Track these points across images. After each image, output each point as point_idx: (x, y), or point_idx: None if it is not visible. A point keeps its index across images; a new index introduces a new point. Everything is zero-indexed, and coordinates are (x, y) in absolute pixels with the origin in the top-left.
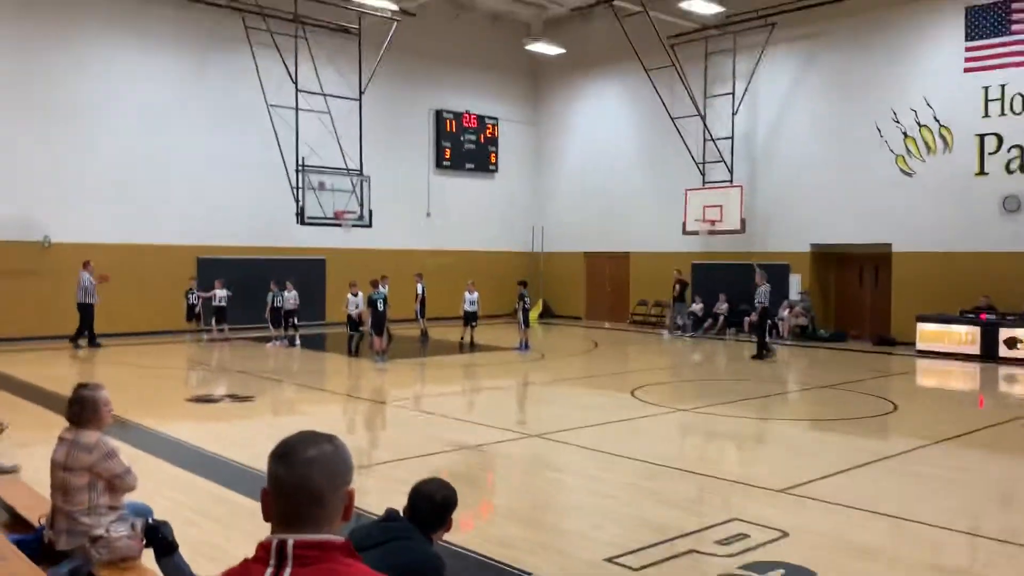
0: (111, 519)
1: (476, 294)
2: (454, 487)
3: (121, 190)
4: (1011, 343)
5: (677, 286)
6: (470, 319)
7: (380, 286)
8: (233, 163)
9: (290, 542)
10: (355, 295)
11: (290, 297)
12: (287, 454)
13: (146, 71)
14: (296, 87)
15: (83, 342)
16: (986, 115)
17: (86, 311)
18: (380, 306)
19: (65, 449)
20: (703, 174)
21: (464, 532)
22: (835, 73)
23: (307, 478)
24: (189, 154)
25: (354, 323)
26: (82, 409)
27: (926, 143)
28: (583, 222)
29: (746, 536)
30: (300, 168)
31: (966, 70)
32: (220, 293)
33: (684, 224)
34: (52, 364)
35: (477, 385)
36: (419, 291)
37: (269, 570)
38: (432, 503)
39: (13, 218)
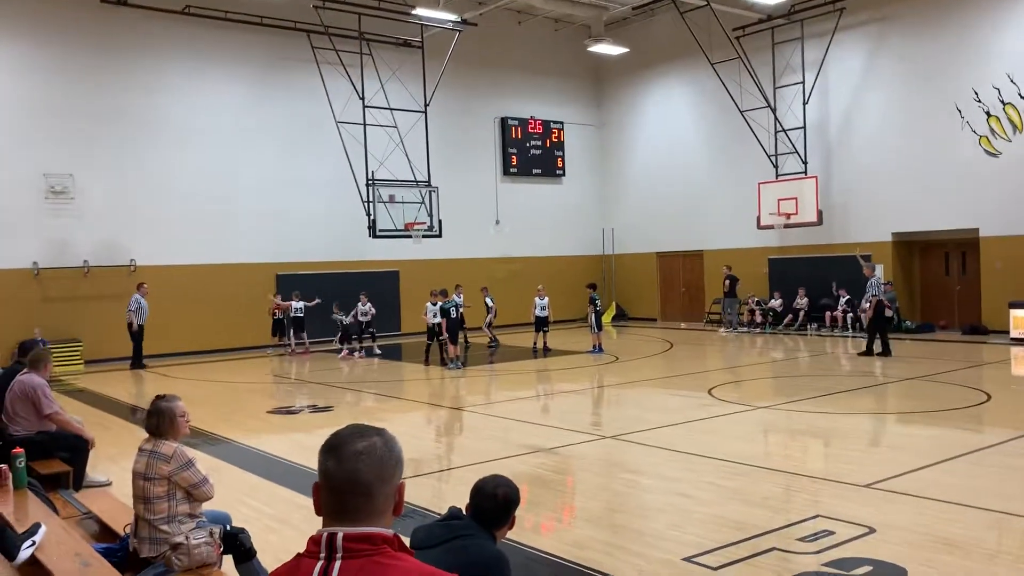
0: (190, 527)
1: (547, 299)
2: (516, 484)
3: (198, 211)
4: None
5: (727, 282)
6: (542, 324)
7: (455, 295)
8: (305, 180)
9: (339, 535)
10: (434, 304)
11: (364, 309)
12: (336, 447)
13: (217, 94)
14: (363, 102)
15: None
16: None
17: (139, 333)
18: (454, 314)
19: (144, 459)
20: (776, 167)
21: (541, 535)
22: (908, 55)
23: (356, 471)
24: (262, 173)
25: (432, 332)
26: (159, 420)
27: (1011, 121)
28: (654, 222)
29: (831, 533)
30: (370, 182)
31: None
32: (296, 305)
33: (758, 219)
34: (139, 383)
35: (551, 389)
36: (488, 304)
37: (319, 563)
38: (494, 500)
39: (102, 243)
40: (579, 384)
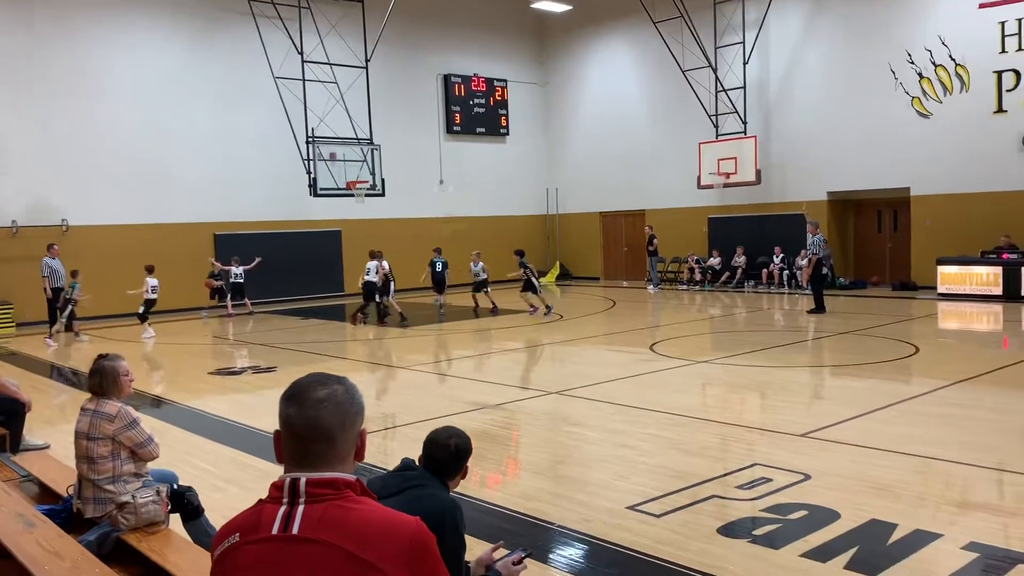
0: (136, 486)
1: (481, 264)
2: (468, 435)
3: (133, 170)
4: None
5: (655, 240)
6: (481, 287)
7: (472, 262)
8: (243, 138)
9: (302, 480)
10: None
11: (238, 272)
12: (298, 395)
13: (150, 49)
14: (302, 58)
15: (58, 327)
16: (1003, 51)
17: (55, 296)
18: (439, 267)
19: (88, 419)
20: (716, 126)
21: (489, 488)
22: (846, 16)
23: (318, 418)
24: (199, 131)
25: (369, 292)
26: (102, 379)
27: (942, 83)
28: (597, 182)
29: (768, 480)
30: (310, 140)
31: (981, 6)
32: (236, 271)
33: (699, 178)
34: (75, 345)
35: (496, 347)
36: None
37: (282, 508)
38: (448, 450)
39: (31, 203)
40: (524, 342)
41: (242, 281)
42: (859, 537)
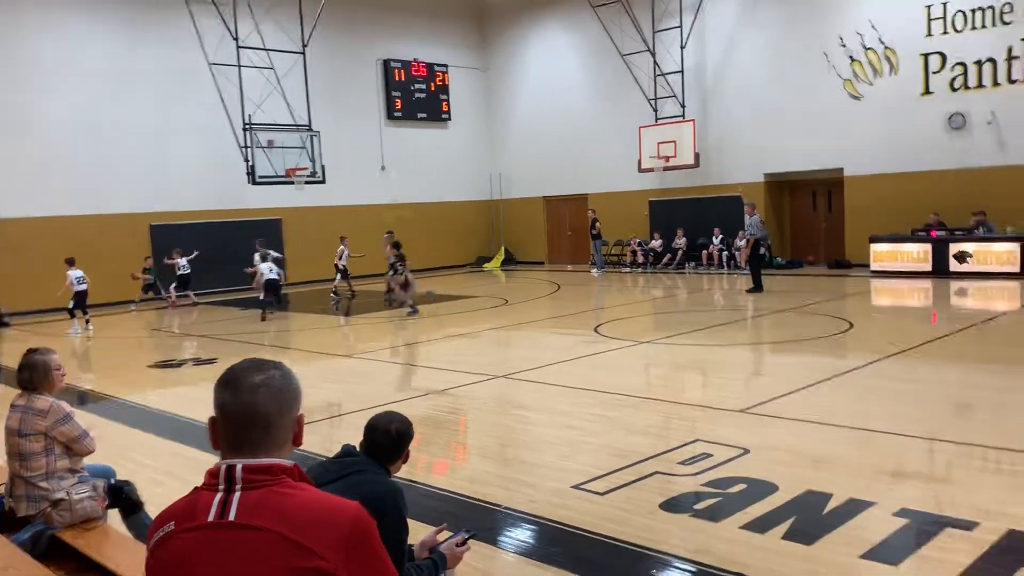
0: (71, 482)
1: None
2: (409, 419)
3: (65, 162)
4: (960, 257)
5: (598, 224)
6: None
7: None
8: (179, 126)
9: (238, 466)
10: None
11: (182, 263)
12: (233, 380)
13: (84, 35)
14: (237, 44)
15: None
16: (929, 34)
17: None
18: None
19: (18, 415)
20: (655, 110)
21: (435, 473)
22: (782, 1)
23: (253, 404)
24: (133, 120)
25: (271, 286)
26: (33, 374)
27: (872, 66)
28: (540, 167)
29: (709, 455)
30: (247, 127)
31: None
32: (182, 262)
33: (639, 162)
34: (3, 339)
35: (442, 333)
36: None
37: (218, 495)
38: (388, 435)
39: None
40: (469, 328)
41: (188, 272)
42: (796, 508)
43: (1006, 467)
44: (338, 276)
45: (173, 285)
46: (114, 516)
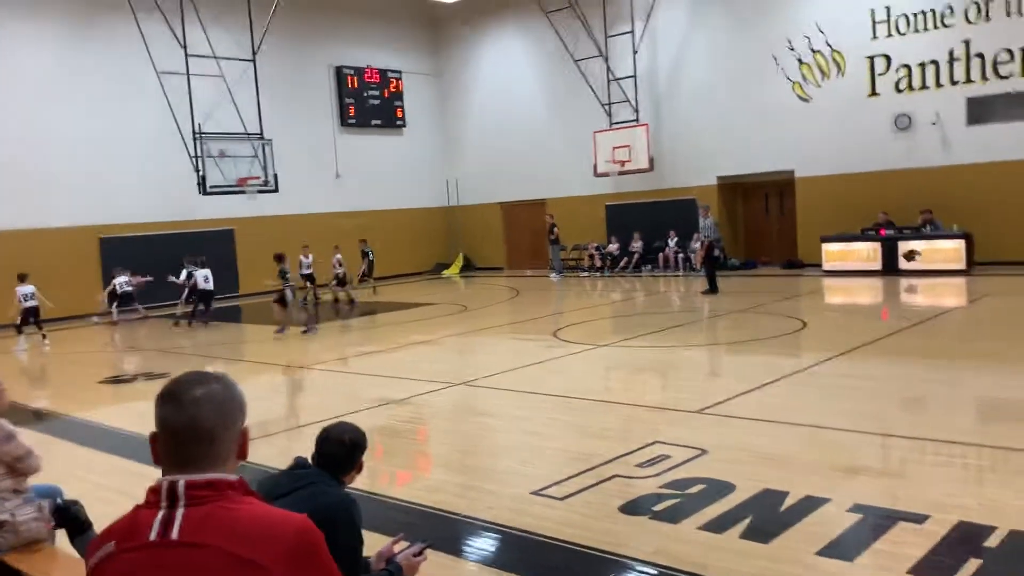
0: (16, 503)
1: (311, 257)
2: (362, 430)
3: (8, 173)
4: (909, 256)
5: (556, 229)
6: (308, 280)
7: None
8: (127, 137)
9: (181, 482)
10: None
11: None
12: (174, 394)
13: (22, 43)
14: (185, 51)
15: None
16: (874, 37)
17: None
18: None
19: None
20: (610, 115)
21: (396, 484)
22: (730, 4)
23: (195, 417)
24: (80, 131)
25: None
26: None
27: (820, 68)
28: (496, 172)
29: (667, 457)
30: (197, 136)
31: None
32: (121, 280)
33: (595, 167)
34: None
35: (399, 341)
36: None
37: (160, 512)
38: (341, 446)
39: None
40: (428, 335)
41: (130, 290)
42: (753, 506)
43: (957, 460)
44: (334, 282)
45: (115, 304)
46: (61, 537)
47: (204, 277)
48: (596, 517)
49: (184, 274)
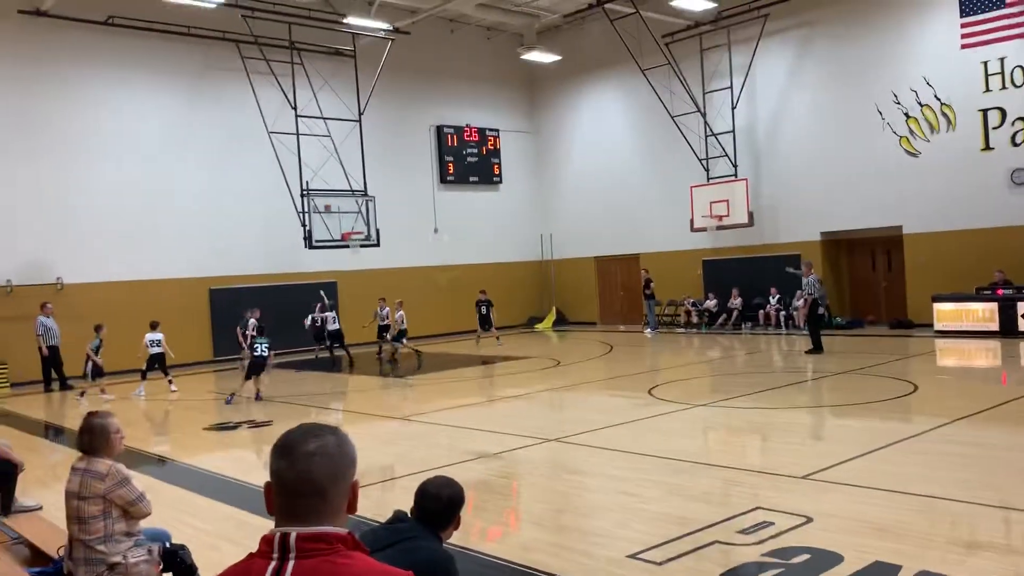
0: (128, 545)
1: (388, 310)
2: (460, 485)
3: (128, 226)
4: None
5: (652, 284)
6: (383, 331)
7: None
8: (238, 192)
9: (293, 535)
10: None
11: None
12: (288, 447)
13: (144, 106)
14: (295, 113)
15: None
16: (987, 90)
17: (53, 354)
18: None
19: (78, 478)
20: (707, 170)
21: (488, 540)
22: (831, 59)
23: (308, 472)
24: (193, 186)
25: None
26: (92, 437)
27: (929, 122)
28: (591, 227)
29: (770, 524)
30: (305, 192)
31: (963, 46)
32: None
33: (692, 221)
34: (68, 404)
35: (494, 395)
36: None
37: (272, 563)
38: (439, 501)
39: (26, 261)
40: (522, 389)
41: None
42: None
43: None
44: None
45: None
46: None
47: (332, 319)
48: None
49: (310, 318)
